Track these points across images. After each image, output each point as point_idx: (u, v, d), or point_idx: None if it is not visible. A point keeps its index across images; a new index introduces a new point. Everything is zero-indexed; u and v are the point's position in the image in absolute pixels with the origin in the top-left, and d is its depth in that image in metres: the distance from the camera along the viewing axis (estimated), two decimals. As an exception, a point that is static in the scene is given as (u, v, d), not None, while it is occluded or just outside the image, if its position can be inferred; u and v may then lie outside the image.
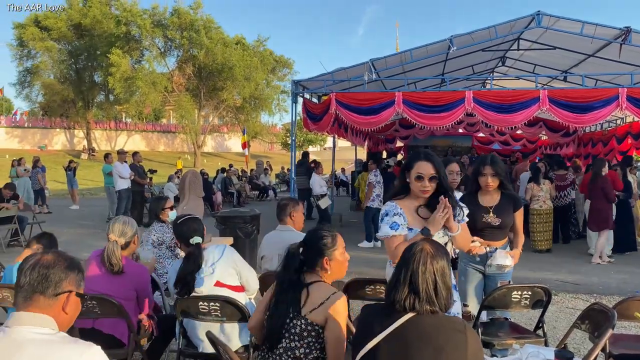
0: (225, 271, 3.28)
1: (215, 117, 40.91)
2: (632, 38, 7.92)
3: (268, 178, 22.08)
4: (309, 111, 9.62)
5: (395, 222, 2.87)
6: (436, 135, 16.38)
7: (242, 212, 7.40)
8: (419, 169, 2.81)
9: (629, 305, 3.26)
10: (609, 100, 7.77)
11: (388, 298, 1.93)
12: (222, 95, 35.51)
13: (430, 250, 1.94)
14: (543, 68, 11.71)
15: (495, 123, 8.60)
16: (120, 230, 3.30)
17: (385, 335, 1.85)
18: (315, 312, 2.30)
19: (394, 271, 1.99)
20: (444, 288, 1.90)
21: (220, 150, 47.69)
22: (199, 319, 3.19)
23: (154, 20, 32.59)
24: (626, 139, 12.69)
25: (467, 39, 8.70)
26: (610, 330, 2.71)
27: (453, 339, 1.81)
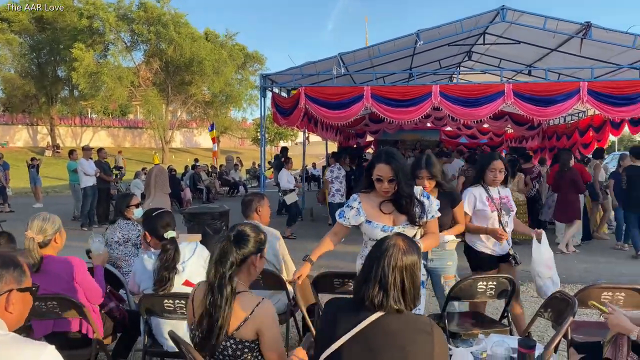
0: (195, 270, 3.23)
1: (183, 112, 40.29)
2: (593, 33, 8.11)
3: (238, 174, 21.90)
4: (279, 106, 9.56)
5: (343, 211, 3.14)
6: (405, 129, 16.53)
7: (210, 208, 7.30)
8: (379, 171, 2.91)
9: (589, 293, 3.34)
10: (570, 93, 7.95)
11: (357, 294, 1.90)
12: (191, 90, 34.97)
13: (401, 245, 1.91)
14: (508, 62, 11.93)
15: (462, 117, 8.71)
16: (38, 227, 3.07)
17: (351, 336, 1.82)
18: (242, 330, 2.10)
19: (364, 265, 1.96)
20: (413, 286, 1.88)
21: (189, 146, 47.07)
22: (165, 317, 3.14)
23: (119, 14, 31.80)
24: (588, 132, 13.05)
25: (433, 33, 8.77)
26: (571, 318, 2.78)
27: (419, 340, 1.80)
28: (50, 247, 3.13)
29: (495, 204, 4.07)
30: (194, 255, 3.26)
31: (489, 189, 4.12)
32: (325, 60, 9.06)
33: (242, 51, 38.18)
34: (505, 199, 4.13)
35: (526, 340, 2.46)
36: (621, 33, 8.01)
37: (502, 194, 4.14)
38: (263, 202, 4.13)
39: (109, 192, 12.36)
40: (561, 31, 8.42)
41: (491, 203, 4.07)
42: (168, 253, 3.09)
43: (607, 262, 7.85)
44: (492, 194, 4.10)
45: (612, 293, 3.38)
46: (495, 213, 4.05)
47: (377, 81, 10.06)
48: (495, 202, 4.08)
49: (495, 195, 4.10)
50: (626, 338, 2.50)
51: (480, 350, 2.49)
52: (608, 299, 3.39)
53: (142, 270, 3.26)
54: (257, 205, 4.07)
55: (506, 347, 2.47)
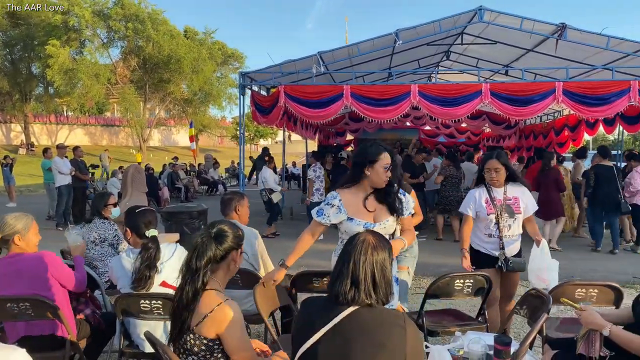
0: (173, 272, 3.19)
1: (161, 110, 39.87)
2: (568, 34, 8.25)
3: (217, 172, 21.75)
4: (258, 104, 9.51)
5: (322, 210, 3.09)
6: (385, 128, 16.62)
7: (188, 208, 7.23)
8: (387, 159, 3.00)
9: (563, 290, 3.41)
10: (546, 93, 8.08)
11: (331, 291, 1.92)
12: (169, 88, 34.62)
13: (372, 241, 1.94)
14: (486, 62, 12.07)
15: (440, 116, 8.78)
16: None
17: (326, 331, 1.83)
18: (201, 326, 2.08)
19: (336, 262, 1.98)
20: (384, 281, 1.90)
21: (167, 144, 46.60)
22: (141, 317, 3.10)
23: (95, 10, 31.26)
24: (563, 131, 13.29)
25: (412, 33, 8.82)
26: (545, 315, 2.82)
27: (393, 334, 1.81)
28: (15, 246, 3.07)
29: (495, 206, 3.91)
30: (173, 256, 3.22)
31: (491, 190, 3.96)
32: (305, 58, 9.05)
33: (222, 49, 37.94)
34: (511, 200, 3.93)
35: (502, 337, 2.49)
36: (595, 34, 8.17)
37: (510, 195, 3.94)
38: (243, 201, 4.11)
39: (85, 191, 12.16)
40: (537, 32, 8.55)
41: (489, 205, 3.92)
42: (149, 251, 3.05)
43: (581, 259, 8.01)
44: (494, 194, 3.94)
45: (585, 290, 3.45)
46: (493, 215, 3.91)
47: (356, 80, 10.10)
48: (496, 204, 3.91)
49: (498, 197, 3.93)
50: (598, 334, 2.56)
51: (457, 347, 2.51)
52: (582, 295, 3.46)
53: (120, 268, 3.21)
54: (236, 204, 4.05)
55: (483, 344, 2.50)
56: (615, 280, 5.09)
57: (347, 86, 8.52)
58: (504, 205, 3.91)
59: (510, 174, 3.92)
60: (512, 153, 15.55)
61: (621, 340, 2.49)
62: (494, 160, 3.88)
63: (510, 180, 3.96)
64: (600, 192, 8.31)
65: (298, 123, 12.05)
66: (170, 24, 33.66)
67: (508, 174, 3.92)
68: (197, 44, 34.73)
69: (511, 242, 3.97)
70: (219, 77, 38.59)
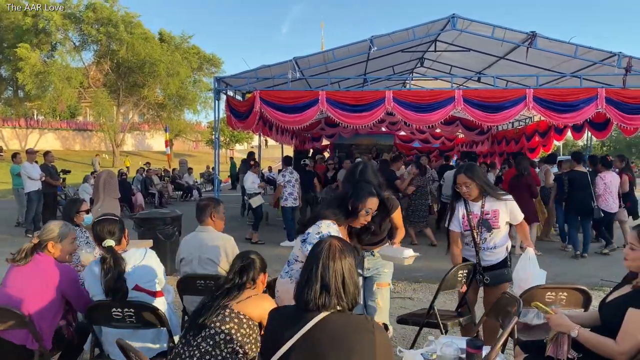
0: (145, 275, 3.16)
1: (135, 115, 39.33)
2: (538, 42, 8.45)
3: (192, 178, 21.54)
4: (233, 109, 9.46)
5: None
6: (360, 133, 16.69)
7: (162, 213, 7.15)
8: (371, 204, 3.05)
9: (534, 293, 3.46)
10: (517, 100, 8.25)
11: (300, 298, 1.90)
12: (143, 92, 34.18)
13: (338, 245, 1.96)
14: (459, 69, 12.26)
15: (414, 122, 8.88)
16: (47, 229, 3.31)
17: (296, 340, 1.83)
18: (245, 304, 2.49)
19: (303, 270, 1.97)
20: (352, 284, 1.92)
21: (141, 149, 45.94)
22: (113, 326, 3.05)
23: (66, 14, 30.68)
24: (534, 137, 13.58)
25: (386, 39, 8.91)
26: (516, 318, 2.87)
27: (362, 339, 1.82)
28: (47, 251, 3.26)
29: (470, 221, 3.83)
30: (144, 260, 3.18)
31: (468, 204, 3.86)
32: (280, 64, 9.05)
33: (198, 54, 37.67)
34: (489, 214, 3.81)
35: (474, 340, 2.52)
36: (564, 43, 8.38)
37: (488, 209, 3.81)
38: (218, 207, 4.07)
39: (56, 196, 11.90)
40: (508, 40, 8.73)
41: (465, 220, 3.85)
42: (106, 262, 2.99)
43: (552, 263, 8.17)
44: (471, 208, 3.84)
45: (555, 293, 3.52)
46: (469, 232, 3.85)
47: (332, 86, 10.14)
48: (472, 219, 3.82)
49: (475, 211, 3.83)
50: (567, 336, 2.62)
51: (431, 351, 2.54)
52: (552, 299, 3.53)
53: (91, 277, 3.15)
54: (212, 210, 4.01)
55: (455, 347, 2.53)
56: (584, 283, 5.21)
57: (323, 92, 8.56)
58: (481, 220, 3.82)
59: (482, 188, 3.78)
60: (485, 158, 15.80)
61: (588, 342, 2.55)
62: (462, 175, 3.79)
63: (488, 196, 3.82)
64: (574, 198, 8.48)
65: (274, 128, 12.03)
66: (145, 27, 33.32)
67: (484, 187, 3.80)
68: (173, 47, 34.40)
69: (490, 254, 3.90)
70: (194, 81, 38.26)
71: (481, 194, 3.81)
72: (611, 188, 8.51)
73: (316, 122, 15.05)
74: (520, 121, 14.46)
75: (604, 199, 8.49)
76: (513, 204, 3.91)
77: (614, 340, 2.46)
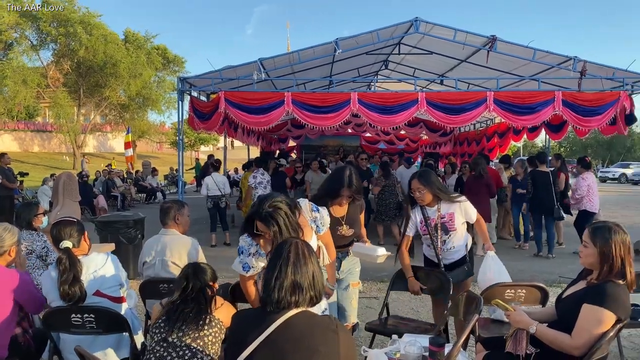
0: (106, 281, 3.09)
1: (97, 116, 38.36)
2: (498, 46, 8.67)
3: (156, 180, 21.17)
4: (197, 110, 9.35)
5: (247, 263, 2.83)
6: (327, 135, 16.78)
7: (124, 216, 7.01)
8: (259, 225, 2.59)
9: (494, 291, 3.57)
10: (478, 102, 8.44)
11: (269, 298, 1.89)
12: (105, 93, 33.33)
13: (302, 244, 2.00)
14: (422, 72, 12.47)
15: (379, 124, 8.98)
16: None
17: (260, 342, 1.83)
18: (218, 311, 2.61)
19: (268, 270, 1.96)
20: (320, 281, 1.96)
21: (103, 151, 44.85)
22: (72, 332, 2.97)
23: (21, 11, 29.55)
24: (493, 138, 13.92)
25: (351, 42, 8.98)
26: (476, 316, 2.94)
27: (326, 339, 1.83)
28: (3, 259, 3.14)
29: (429, 226, 3.92)
30: (105, 265, 3.12)
31: (425, 209, 3.95)
32: (246, 65, 9.00)
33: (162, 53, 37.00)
34: (446, 218, 3.92)
35: (436, 338, 2.57)
36: (523, 47, 8.63)
37: (444, 212, 3.92)
38: (182, 210, 4.02)
39: (13, 200, 11.51)
40: (470, 43, 8.93)
41: (423, 225, 3.94)
42: (61, 265, 2.91)
43: (511, 260, 8.35)
44: (428, 214, 3.94)
45: (514, 290, 3.64)
46: (427, 236, 3.95)
47: (297, 87, 10.15)
48: (430, 223, 3.92)
49: (432, 216, 3.93)
50: (525, 332, 2.70)
51: (394, 350, 2.58)
52: (511, 296, 3.64)
53: (49, 282, 3.07)
54: (176, 213, 3.96)
55: (418, 346, 2.57)
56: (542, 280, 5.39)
57: (288, 93, 8.56)
58: (438, 224, 3.91)
59: (435, 193, 3.86)
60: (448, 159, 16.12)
61: (545, 337, 2.64)
62: (415, 181, 3.88)
63: (443, 201, 3.92)
64: (537, 198, 8.67)
65: (239, 129, 11.95)
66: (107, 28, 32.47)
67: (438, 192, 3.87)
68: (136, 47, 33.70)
69: (449, 255, 4.01)
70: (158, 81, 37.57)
71: (435, 199, 3.91)
72: (594, 188, 8.63)
73: (282, 124, 15.04)
74: (482, 123, 14.80)
75: (588, 200, 8.57)
76: (467, 204, 4.01)
77: (570, 335, 2.56)
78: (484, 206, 8.89)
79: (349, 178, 3.52)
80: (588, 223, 9.15)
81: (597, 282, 2.62)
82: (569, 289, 2.87)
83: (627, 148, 47.17)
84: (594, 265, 2.65)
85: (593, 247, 2.62)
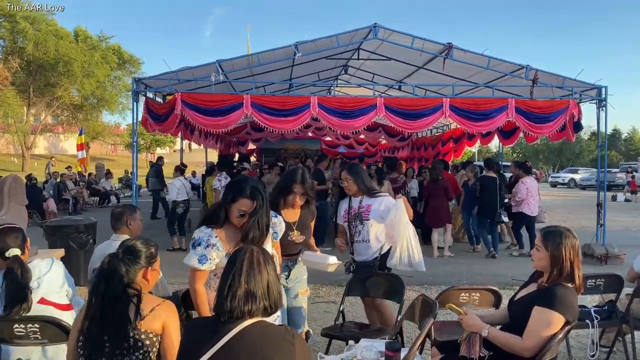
0: (52, 287, 2.96)
1: (48, 116, 36.99)
2: (454, 53, 8.85)
3: (110, 183, 20.57)
4: (152, 111, 9.11)
5: (205, 255, 2.69)
6: (287, 138, 16.74)
7: (75, 221, 6.78)
8: (241, 205, 2.68)
9: (449, 295, 3.62)
10: (435, 108, 8.58)
11: (222, 307, 1.84)
12: (57, 92, 32.18)
13: (258, 252, 1.96)
14: (381, 77, 12.60)
15: (338, 128, 9.00)
16: None
17: (213, 353, 1.78)
18: (147, 320, 2.14)
19: (223, 278, 1.92)
20: (275, 290, 1.92)
21: (54, 152, 43.31)
22: (15, 343, 2.82)
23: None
24: (448, 143, 14.23)
25: (311, 46, 8.98)
26: (432, 320, 2.97)
27: (281, 350, 1.81)
28: None
29: (350, 214, 4.28)
30: (50, 271, 2.98)
31: (351, 200, 4.32)
32: (203, 66, 8.84)
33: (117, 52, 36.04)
34: (364, 208, 4.23)
35: (392, 343, 2.59)
36: (478, 55, 8.84)
37: (364, 204, 4.24)
38: (135, 214, 3.89)
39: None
40: (427, 50, 9.08)
41: (346, 214, 4.32)
42: (13, 273, 2.78)
43: (468, 264, 8.58)
44: (352, 203, 4.31)
45: (468, 294, 3.70)
46: (346, 224, 4.32)
47: (257, 90, 10.06)
48: (352, 212, 4.27)
49: (354, 205, 4.28)
50: (478, 336, 2.74)
51: (351, 356, 2.57)
52: (466, 299, 3.70)
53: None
54: (128, 218, 3.83)
55: (375, 351, 2.57)
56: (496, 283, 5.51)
57: (247, 95, 8.46)
58: (357, 213, 4.24)
59: (359, 186, 4.22)
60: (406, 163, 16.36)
61: (497, 340, 2.69)
62: (344, 172, 4.33)
63: (366, 195, 4.25)
64: (484, 202, 9.00)
65: (196, 132, 11.74)
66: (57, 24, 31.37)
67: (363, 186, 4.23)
68: (89, 47, 32.69)
69: (362, 247, 4.27)
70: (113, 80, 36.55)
71: (360, 191, 4.25)
72: (532, 192, 9.03)
73: (242, 126, 14.89)
74: (438, 128, 15.09)
75: (527, 203, 8.95)
76: (389, 202, 4.21)
77: (521, 337, 2.61)
78: (443, 209, 9.23)
79: (302, 175, 3.67)
80: (522, 225, 9.65)
81: (548, 285, 2.69)
82: (521, 291, 2.94)
83: (576, 154, 49.17)
84: (546, 268, 2.73)
85: (545, 250, 2.70)
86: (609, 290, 4.15)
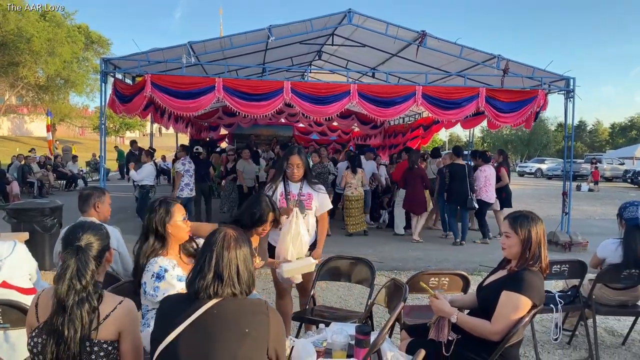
0: (14, 271, 2.88)
1: (12, 96, 35.77)
2: (427, 42, 8.88)
3: (77, 166, 20.09)
4: (119, 92, 8.86)
5: (180, 275, 2.64)
6: (259, 124, 16.60)
7: (39, 204, 6.59)
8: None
9: (419, 279, 3.66)
10: (407, 96, 8.62)
11: (192, 286, 1.87)
12: (21, 72, 31.05)
13: (233, 234, 1.95)
14: (354, 64, 12.57)
15: (311, 114, 8.96)
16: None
17: (186, 326, 1.79)
18: (102, 328, 1.94)
19: (197, 259, 1.94)
20: (246, 271, 1.92)
21: (19, 134, 42.03)
22: (-24, 329, 2.75)
23: None
24: (418, 130, 14.35)
25: (285, 30, 8.87)
26: (402, 304, 3.00)
27: (256, 321, 1.84)
28: None
29: (288, 200, 4.00)
30: (12, 253, 2.90)
31: (288, 184, 4.07)
32: (174, 47, 8.64)
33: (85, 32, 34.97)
34: (305, 196, 4.06)
35: (362, 327, 2.60)
36: (451, 43, 8.88)
37: (304, 191, 4.07)
38: (103, 197, 3.82)
39: None
40: (401, 38, 9.08)
41: (283, 198, 4.01)
42: None
43: (437, 250, 8.72)
44: (290, 189, 4.06)
45: (438, 278, 3.75)
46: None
47: (229, 73, 9.91)
48: (290, 198, 4.01)
49: (294, 191, 4.05)
50: (447, 320, 2.79)
51: (321, 339, 2.58)
52: (435, 284, 3.75)
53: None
54: (96, 200, 3.76)
55: (345, 334, 2.59)
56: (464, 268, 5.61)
57: (220, 79, 8.32)
58: (298, 200, 4.01)
59: (306, 173, 4.07)
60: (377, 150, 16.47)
61: (466, 325, 2.74)
62: (296, 156, 4.02)
63: (306, 179, 4.10)
64: (453, 189, 9.16)
65: (165, 115, 11.51)
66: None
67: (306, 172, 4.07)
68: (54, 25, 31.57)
69: None
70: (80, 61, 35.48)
71: (303, 178, 4.09)
72: (491, 180, 9.35)
73: (213, 111, 14.69)
74: (410, 117, 15.19)
75: (484, 190, 9.29)
76: (324, 196, 4.19)
77: (490, 320, 2.66)
78: (419, 197, 9.39)
79: (271, 203, 3.49)
80: (483, 212, 9.93)
81: (517, 269, 2.73)
82: (490, 277, 2.99)
83: (544, 145, 50.23)
84: (516, 256, 2.76)
85: (515, 235, 2.73)
86: (572, 276, 4.27)
